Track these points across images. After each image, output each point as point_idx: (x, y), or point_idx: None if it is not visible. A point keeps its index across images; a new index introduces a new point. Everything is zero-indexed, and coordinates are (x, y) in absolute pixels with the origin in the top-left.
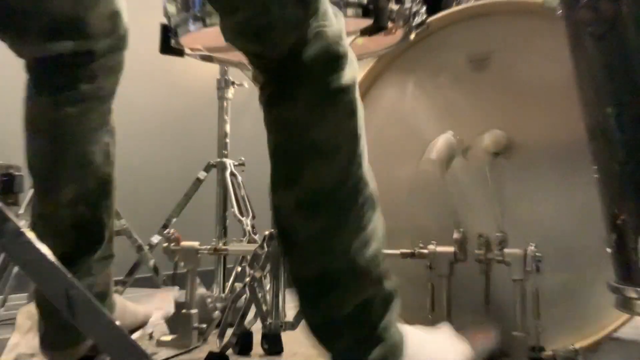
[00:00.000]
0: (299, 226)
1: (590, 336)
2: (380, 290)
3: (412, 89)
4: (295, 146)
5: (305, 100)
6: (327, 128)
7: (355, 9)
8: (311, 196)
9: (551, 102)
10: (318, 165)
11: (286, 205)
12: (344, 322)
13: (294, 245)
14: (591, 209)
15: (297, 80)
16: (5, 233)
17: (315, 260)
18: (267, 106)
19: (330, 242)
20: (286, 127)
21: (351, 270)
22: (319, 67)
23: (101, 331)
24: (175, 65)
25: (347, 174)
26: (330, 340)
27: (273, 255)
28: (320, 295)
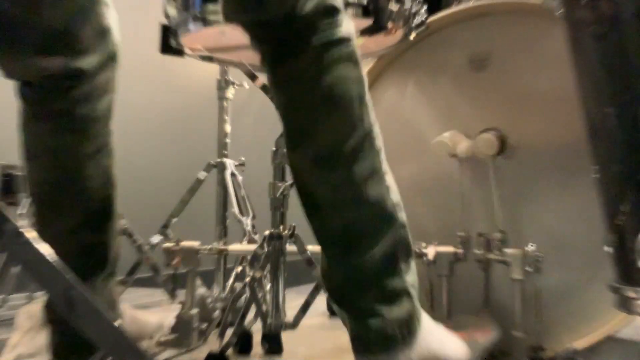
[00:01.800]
0: (321, 181)
1: (590, 336)
2: (404, 240)
3: (412, 89)
4: (307, 99)
5: (311, 52)
6: (336, 76)
7: (355, 9)
8: (329, 147)
9: (551, 102)
10: (332, 115)
11: (305, 163)
12: (369, 277)
13: (317, 204)
14: (591, 209)
15: (299, 35)
16: (5, 233)
17: (342, 213)
18: (272, 66)
19: (356, 191)
20: (295, 81)
21: (379, 216)
22: (319, 19)
23: (101, 331)
24: (175, 65)
25: (361, 119)
26: (352, 299)
27: (273, 255)
28: (349, 249)
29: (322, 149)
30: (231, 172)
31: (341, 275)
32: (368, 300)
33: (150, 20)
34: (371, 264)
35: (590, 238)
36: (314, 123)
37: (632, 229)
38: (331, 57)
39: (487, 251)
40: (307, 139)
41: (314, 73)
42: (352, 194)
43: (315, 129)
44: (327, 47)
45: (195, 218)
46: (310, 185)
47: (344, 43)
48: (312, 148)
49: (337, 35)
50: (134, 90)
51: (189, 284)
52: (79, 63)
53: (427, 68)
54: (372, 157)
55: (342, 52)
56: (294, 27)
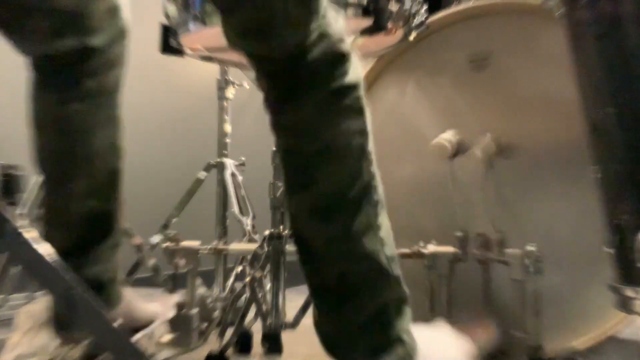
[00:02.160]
0: (317, 231)
1: (590, 336)
2: (398, 291)
3: (412, 89)
4: (307, 149)
5: (313, 102)
6: (338, 128)
7: (355, 9)
8: (326, 199)
9: (551, 102)
10: (331, 167)
11: (302, 211)
12: (362, 329)
13: (312, 252)
14: (591, 209)
15: (304, 82)
16: (5, 233)
17: (336, 265)
18: (274, 111)
19: (350, 244)
20: (296, 131)
21: (372, 271)
22: (325, 67)
23: (101, 331)
24: (175, 65)
25: (360, 172)
26: (345, 349)
27: (273, 255)
28: (341, 302)
29: (319, 200)
30: (231, 172)
31: (332, 327)
32: (359, 352)
33: (150, 20)
34: (363, 317)
35: (590, 238)
36: (311, 173)
37: (632, 229)
38: (334, 109)
39: (487, 251)
40: (305, 188)
41: (315, 124)
42: (346, 247)
43: (313, 179)
44: (332, 98)
45: (195, 218)
46: (306, 233)
47: (350, 92)
48: (310, 198)
49: (343, 83)
50: (134, 90)
51: (189, 284)
52: (90, 41)
53: (427, 68)
54: (369, 211)
55: (346, 102)
56: (299, 73)
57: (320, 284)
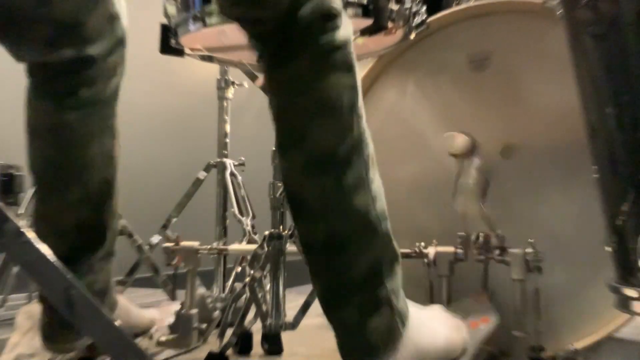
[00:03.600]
0: (308, 186)
1: (590, 336)
2: (388, 248)
3: (412, 89)
4: (300, 104)
5: (306, 57)
6: (329, 82)
7: (355, 9)
8: (318, 153)
9: (551, 102)
10: (323, 121)
11: (294, 166)
12: (352, 285)
13: (303, 208)
14: (591, 209)
15: (297, 39)
16: (5, 233)
17: (326, 220)
18: (268, 70)
19: (341, 199)
20: (289, 86)
21: (362, 227)
22: (316, 24)
23: (101, 331)
24: (175, 65)
25: (351, 127)
26: (336, 308)
27: (273, 255)
28: (331, 257)
29: (310, 155)
30: (231, 172)
31: (323, 285)
32: (349, 311)
33: (150, 20)
34: (353, 274)
35: (591, 238)
36: (304, 128)
37: (632, 229)
38: (326, 64)
39: (487, 251)
40: (296, 143)
41: (308, 79)
42: (337, 202)
43: (305, 135)
44: (322, 53)
45: (195, 218)
46: (298, 190)
47: (340, 49)
48: (301, 153)
49: (334, 41)
50: (134, 90)
51: (189, 284)
52: (88, 50)
53: (427, 68)
54: (360, 166)
55: (337, 58)
56: (291, 31)
57: (310, 240)
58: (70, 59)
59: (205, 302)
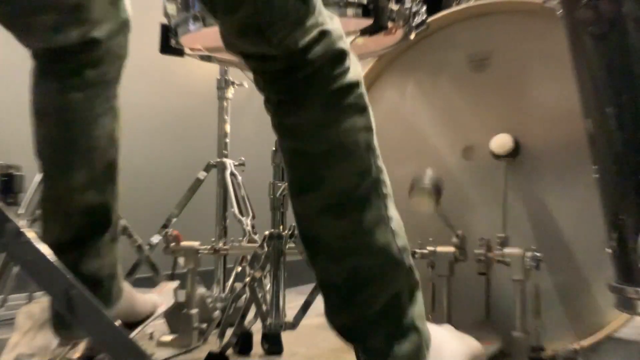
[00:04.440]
0: (327, 228)
1: (590, 336)
2: (411, 280)
3: (412, 89)
4: (314, 150)
5: (317, 102)
6: (344, 127)
7: (355, 9)
8: (337, 197)
9: (551, 102)
10: (340, 165)
11: (311, 210)
12: (376, 318)
13: (320, 250)
14: (591, 209)
15: (306, 82)
16: (5, 233)
17: (347, 260)
18: (278, 114)
19: (362, 239)
20: (301, 132)
21: (385, 262)
22: (327, 65)
23: (101, 331)
24: (175, 65)
25: (369, 167)
26: (361, 339)
27: (273, 255)
28: (352, 296)
29: (329, 199)
30: (231, 172)
31: (345, 320)
32: (376, 340)
33: (150, 20)
34: (376, 308)
35: (591, 238)
36: (320, 172)
37: (632, 229)
38: (339, 107)
39: (487, 251)
40: (313, 188)
41: (322, 125)
42: (358, 242)
43: (321, 179)
44: (335, 97)
45: (195, 218)
46: (316, 231)
47: (353, 91)
48: (319, 197)
49: (346, 80)
50: (134, 90)
51: (189, 284)
52: (93, 33)
53: (427, 68)
54: (379, 205)
55: (350, 100)
56: (300, 73)
57: (330, 280)
58: (75, 42)
59: (205, 302)
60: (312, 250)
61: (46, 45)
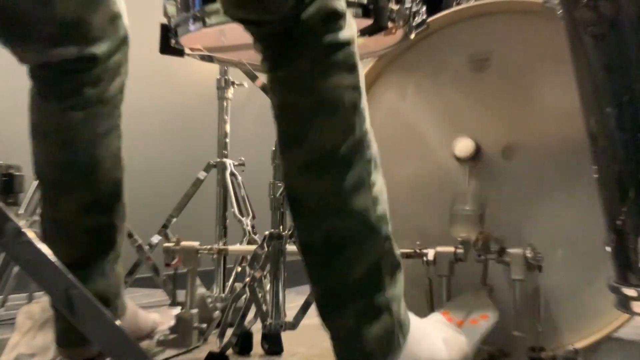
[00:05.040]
0: (308, 186)
1: (590, 336)
2: (389, 253)
3: (412, 89)
4: (301, 104)
5: (308, 58)
6: (331, 82)
7: (355, 9)
8: (319, 153)
9: (551, 102)
10: (324, 121)
11: (294, 166)
12: (351, 289)
13: (302, 208)
14: (591, 209)
15: (299, 39)
16: (6, 233)
17: (326, 221)
18: (270, 69)
19: (341, 200)
20: (291, 85)
21: (362, 228)
22: (319, 23)
23: (101, 331)
24: (175, 65)
25: (353, 127)
26: (333, 313)
27: (273, 255)
28: (330, 259)
29: (311, 155)
30: (231, 172)
31: (321, 287)
32: (347, 317)
33: (150, 20)
34: (352, 277)
35: (591, 238)
36: (304, 128)
37: (632, 229)
38: (328, 63)
39: (487, 251)
40: (297, 143)
41: (309, 78)
42: (336, 203)
43: (305, 134)
44: (325, 53)
45: (195, 218)
46: (297, 189)
47: (343, 48)
48: (302, 152)
49: (337, 39)
50: (134, 90)
51: (189, 284)
52: (91, 50)
53: (427, 68)
54: (361, 167)
55: (340, 57)
56: (294, 32)
57: (309, 241)
58: (73, 58)
59: (205, 302)
60: (295, 209)
61: (43, 60)
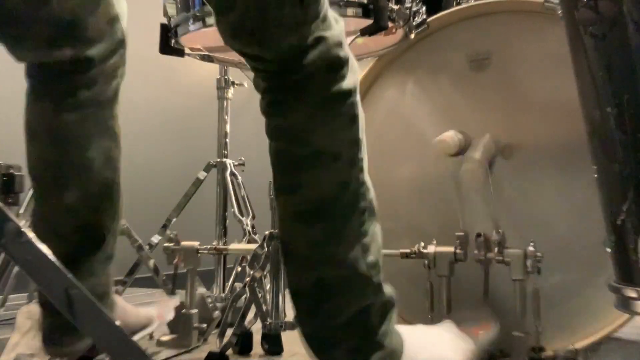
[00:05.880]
0: (299, 233)
1: (590, 336)
2: (379, 297)
3: (412, 89)
4: (296, 153)
5: (306, 107)
6: (328, 135)
7: (355, 9)
8: (311, 204)
9: (551, 102)
10: (318, 173)
11: (286, 213)
12: (341, 331)
13: (293, 254)
14: (591, 209)
15: (298, 86)
16: (5, 233)
17: (314, 268)
18: (267, 114)
19: (330, 249)
20: (287, 134)
21: (352, 277)
22: (321, 73)
23: (101, 331)
24: (175, 65)
25: (348, 180)
26: (326, 350)
27: (273, 255)
28: (318, 304)
29: (304, 204)
30: (231, 172)
31: (311, 328)
32: (340, 354)
33: (150, 20)
34: (341, 321)
35: (590, 238)
36: (299, 177)
37: (632, 229)
38: (328, 115)
39: (487, 251)
40: (291, 191)
41: (308, 129)
42: (326, 252)
43: (299, 184)
44: (326, 103)
45: (195, 218)
46: (289, 235)
47: (344, 99)
48: (295, 201)
49: (338, 89)
50: (134, 90)
51: (189, 284)
52: (87, 51)
53: (427, 68)
54: (354, 219)
55: (340, 109)
56: (294, 76)
57: (298, 286)
58: (70, 59)
59: (205, 302)
60: (285, 255)
61: (39, 60)
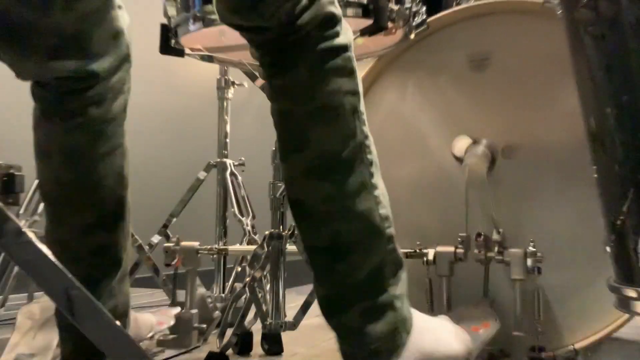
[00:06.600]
0: (311, 191)
1: (590, 336)
2: (392, 253)
3: (412, 89)
4: (301, 110)
5: (306, 64)
6: (330, 88)
7: (355, 9)
8: (320, 158)
9: (551, 102)
10: (325, 127)
11: (296, 172)
12: (357, 289)
13: (306, 213)
14: (591, 209)
15: (296, 46)
16: (6, 233)
17: (330, 224)
18: (268, 77)
19: (344, 203)
20: (290, 93)
21: (367, 231)
22: (316, 29)
23: (101, 331)
24: (175, 65)
25: (353, 131)
26: (338, 313)
27: (273, 255)
28: (335, 262)
29: (313, 160)
30: (231, 172)
31: (327, 288)
32: (351, 316)
33: (150, 20)
34: (356, 278)
35: (590, 238)
36: (305, 135)
37: (632, 229)
38: (326, 69)
39: (487, 251)
40: (298, 149)
41: (308, 85)
42: (340, 206)
43: (307, 140)
44: (323, 59)
45: (195, 218)
46: (300, 194)
47: (340, 53)
48: (303, 158)
49: (333, 47)
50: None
51: (189, 284)
52: (92, 66)
53: (427, 68)
54: (363, 170)
55: (337, 63)
56: (290, 39)
57: (314, 244)
58: (74, 75)
59: (205, 302)
60: (298, 215)
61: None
